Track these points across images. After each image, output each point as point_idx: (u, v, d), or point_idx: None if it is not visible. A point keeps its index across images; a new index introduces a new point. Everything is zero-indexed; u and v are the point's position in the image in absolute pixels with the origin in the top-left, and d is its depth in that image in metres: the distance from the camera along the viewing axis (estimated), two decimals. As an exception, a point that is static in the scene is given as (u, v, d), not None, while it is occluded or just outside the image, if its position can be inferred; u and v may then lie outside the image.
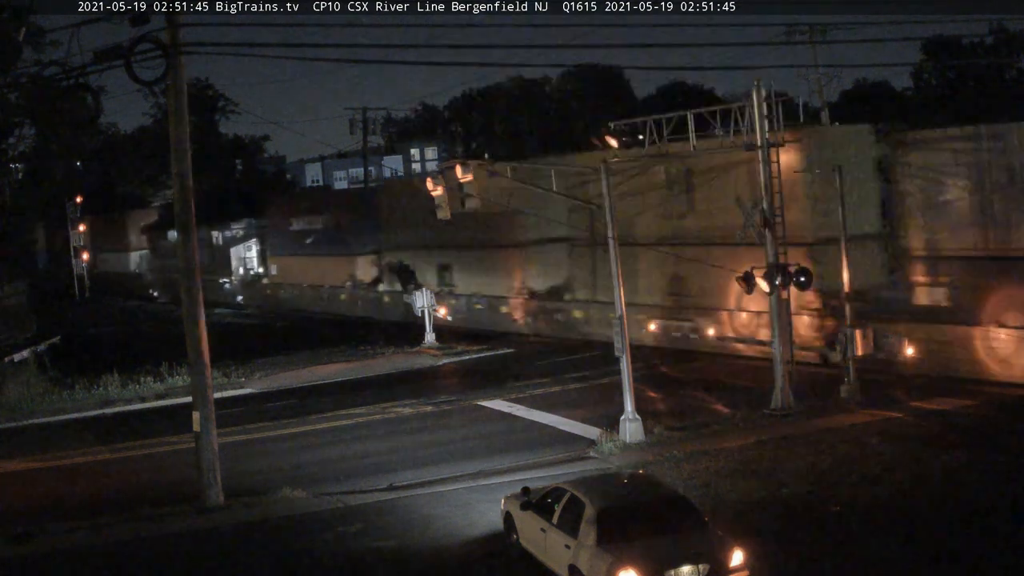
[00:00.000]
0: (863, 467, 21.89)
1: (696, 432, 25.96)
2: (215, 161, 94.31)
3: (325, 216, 65.89)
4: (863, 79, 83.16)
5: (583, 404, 30.70)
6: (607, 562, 15.21)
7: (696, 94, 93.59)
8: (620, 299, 26.32)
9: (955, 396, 27.81)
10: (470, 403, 32.50)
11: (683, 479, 21.76)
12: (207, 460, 22.70)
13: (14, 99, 43.02)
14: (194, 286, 23.00)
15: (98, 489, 25.27)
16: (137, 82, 20.65)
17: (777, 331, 27.97)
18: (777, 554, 17.26)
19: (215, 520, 21.77)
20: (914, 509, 19.33)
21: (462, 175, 30.09)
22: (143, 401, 36.83)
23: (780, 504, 20.04)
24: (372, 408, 32.85)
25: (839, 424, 25.81)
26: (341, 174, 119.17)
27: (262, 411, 33.88)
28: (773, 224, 27.82)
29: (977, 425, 24.99)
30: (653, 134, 30.48)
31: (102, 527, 21.50)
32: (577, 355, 39.40)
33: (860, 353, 28.24)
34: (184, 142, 22.61)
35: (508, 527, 18.77)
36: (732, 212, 31.16)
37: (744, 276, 27.42)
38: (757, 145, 28.03)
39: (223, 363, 39.07)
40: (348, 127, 79.07)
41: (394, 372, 39.96)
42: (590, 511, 16.15)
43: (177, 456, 27.14)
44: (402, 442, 28.20)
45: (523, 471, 23.74)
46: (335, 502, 22.47)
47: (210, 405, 22.99)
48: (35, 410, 35.81)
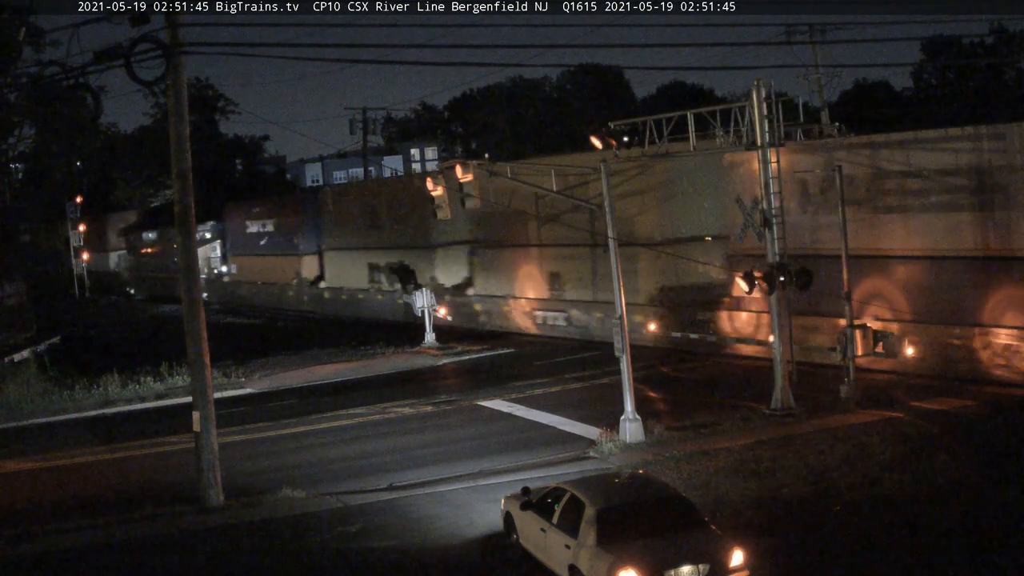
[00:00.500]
0: (863, 467, 21.90)
1: (696, 432, 25.95)
2: (215, 161, 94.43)
3: (276, 219, 72.10)
4: (863, 79, 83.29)
5: (583, 404, 30.70)
6: (607, 562, 15.21)
7: (696, 94, 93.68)
8: (620, 299, 26.31)
9: (955, 396, 27.82)
10: (470, 403, 32.50)
11: (683, 479, 21.76)
12: (207, 460, 22.70)
13: (14, 99, 43.04)
14: (194, 286, 23.00)
15: (98, 489, 25.26)
16: (137, 82, 20.70)
17: (777, 331, 27.97)
18: (777, 554, 17.27)
19: (215, 520, 21.76)
20: (914, 509, 19.36)
21: (462, 175, 30.14)
22: (143, 401, 36.82)
23: (780, 504, 20.04)
24: (372, 408, 32.86)
25: (839, 424, 25.80)
26: (341, 174, 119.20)
27: (262, 411, 33.88)
28: (773, 224, 27.81)
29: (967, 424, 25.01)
30: (653, 134, 30.46)
31: (102, 527, 21.51)
32: (577, 355, 39.42)
33: (860, 353, 28.25)
34: (184, 142, 22.60)
35: (508, 527, 18.77)
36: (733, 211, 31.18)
37: (744, 275, 27.42)
38: (757, 145, 28.03)
39: (223, 363, 39.11)
40: (348, 127, 79.31)
41: (394, 372, 39.97)
42: (590, 511, 16.16)
43: (177, 456, 27.15)
44: (402, 442, 28.19)
45: (523, 471, 23.73)
46: (335, 502, 22.47)
47: (210, 405, 22.99)
48: (35, 410, 35.80)
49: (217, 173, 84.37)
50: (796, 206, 33.61)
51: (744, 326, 36.66)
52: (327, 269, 66.96)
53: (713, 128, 29.94)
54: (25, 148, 58.22)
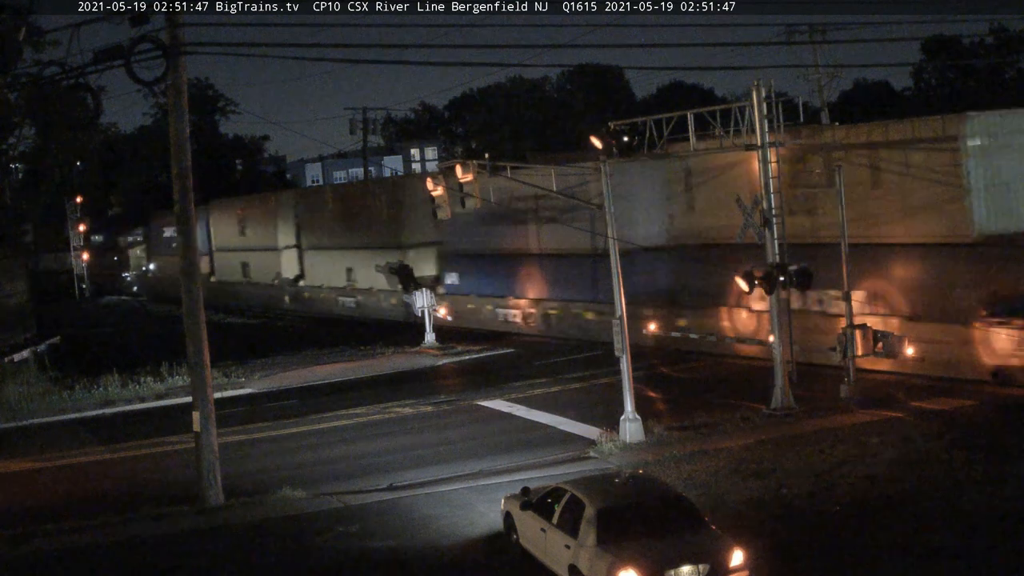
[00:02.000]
0: (863, 467, 21.90)
1: (696, 432, 25.94)
2: (215, 161, 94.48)
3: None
4: (863, 79, 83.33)
5: (583, 404, 30.69)
6: (607, 562, 15.21)
7: (696, 94, 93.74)
8: (620, 299, 26.29)
9: (955, 396, 27.83)
10: (470, 403, 32.49)
11: (683, 479, 21.76)
12: (207, 460, 22.70)
13: (14, 99, 43.01)
14: (194, 286, 22.97)
15: (98, 489, 25.27)
16: (137, 82, 20.64)
17: (777, 331, 27.97)
18: (777, 554, 17.27)
19: (215, 520, 21.77)
20: (914, 509, 19.36)
21: (462, 175, 30.11)
22: (143, 401, 36.82)
23: (780, 504, 20.04)
24: (372, 408, 32.84)
25: (839, 424, 25.80)
26: (341, 174, 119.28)
27: (262, 411, 33.87)
28: (773, 224, 27.82)
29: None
30: (653, 134, 30.44)
31: (102, 527, 21.52)
32: (577, 355, 39.40)
33: (860, 353, 28.24)
34: (184, 142, 22.60)
35: (508, 527, 18.77)
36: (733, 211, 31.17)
37: (744, 275, 27.43)
38: (757, 145, 28.04)
39: (223, 363, 39.11)
40: (348, 127, 79.37)
41: (394, 372, 39.96)
42: (590, 511, 16.15)
43: (177, 456, 27.17)
44: (402, 442, 28.18)
45: (523, 471, 23.73)
46: (335, 502, 22.47)
47: (210, 405, 22.99)
48: (35, 410, 35.78)
49: (207, 173, 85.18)
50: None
51: (744, 326, 36.63)
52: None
53: (713, 128, 29.95)
54: (25, 148, 58.24)
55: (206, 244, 77.43)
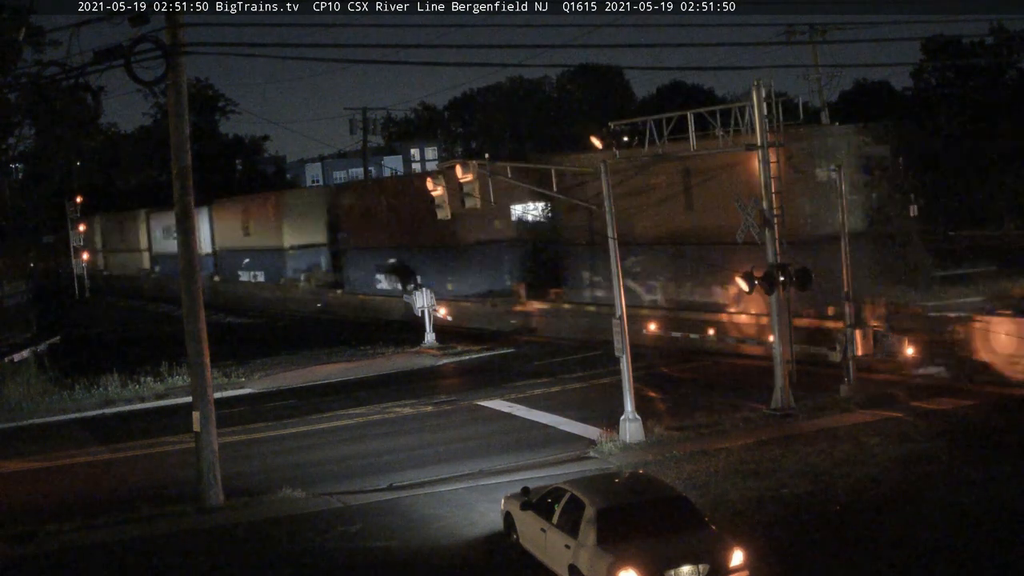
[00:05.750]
0: (863, 467, 21.90)
1: (696, 432, 25.94)
2: (215, 161, 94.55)
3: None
4: (863, 79, 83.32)
5: (583, 404, 30.69)
6: (607, 562, 15.21)
7: (696, 94, 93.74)
8: (620, 299, 26.30)
9: (955, 396, 27.84)
10: (470, 403, 32.49)
11: (683, 479, 21.76)
12: (207, 460, 22.69)
13: (14, 99, 43.03)
14: (194, 286, 22.96)
15: (98, 489, 25.26)
16: (137, 82, 20.67)
17: (777, 331, 27.97)
18: (777, 554, 17.27)
19: (215, 520, 21.76)
20: (914, 509, 19.36)
21: (462, 175, 30.10)
22: (143, 401, 36.78)
23: (780, 504, 20.04)
24: (372, 408, 32.83)
25: (839, 424, 25.81)
26: (341, 174, 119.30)
27: (262, 411, 33.86)
28: (773, 223, 27.82)
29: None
30: (653, 134, 30.46)
31: (102, 527, 21.49)
32: (577, 355, 39.40)
33: (860, 353, 28.24)
34: (184, 142, 22.59)
35: (508, 527, 18.78)
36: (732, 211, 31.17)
37: (744, 275, 27.43)
38: (757, 145, 28.04)
39: (223, 363, 39.09)
40: (348, 127, 79.41)
41: (394, 372, 39.96)
42: (590, 511, 16.16)
43: (177, 456, 27.15)
44: (402, 442, 28.18)
45: (523, 471, 23.73)
46: (335, 502, 22.47)
47: (210, 405, 22.98)
48: (35, 410, 35.74)
49: (207, 173, 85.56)
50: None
51: (745, 326, 36.65)
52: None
53: (713, 128, 29.96)
54: (25, 148, 58.30)
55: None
